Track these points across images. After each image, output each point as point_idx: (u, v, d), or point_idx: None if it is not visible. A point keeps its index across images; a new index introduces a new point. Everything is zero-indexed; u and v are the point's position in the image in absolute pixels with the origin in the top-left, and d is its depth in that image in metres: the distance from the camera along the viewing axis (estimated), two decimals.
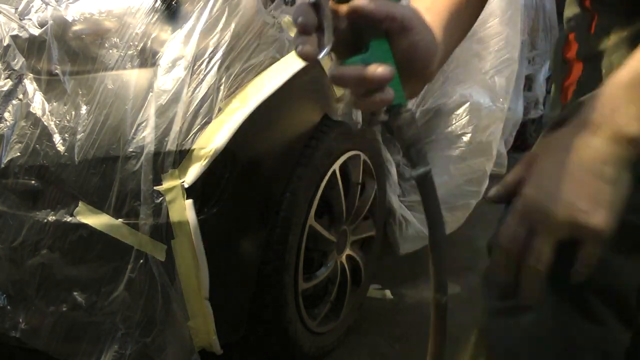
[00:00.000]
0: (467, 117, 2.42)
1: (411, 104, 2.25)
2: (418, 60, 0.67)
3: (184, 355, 1.47)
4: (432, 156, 2.46)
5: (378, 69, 0.61)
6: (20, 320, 1.48)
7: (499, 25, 2.55)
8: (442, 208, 1.03)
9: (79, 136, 1.42)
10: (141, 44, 1.46)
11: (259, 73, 1.53)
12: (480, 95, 2.46)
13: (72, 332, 1.46)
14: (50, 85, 1.49)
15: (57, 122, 1.45)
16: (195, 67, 1.44)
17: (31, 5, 1.56)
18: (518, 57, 2.69)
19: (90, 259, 1.42)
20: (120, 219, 1.39)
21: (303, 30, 0.60)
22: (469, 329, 0.99)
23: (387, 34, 0.64)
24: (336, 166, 1.86)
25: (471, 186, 2.46)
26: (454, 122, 2.42)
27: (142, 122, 1.40)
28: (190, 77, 1.43)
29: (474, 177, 2.47)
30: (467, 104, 2.43)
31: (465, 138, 2.42)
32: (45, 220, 1.42)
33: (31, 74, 1.51)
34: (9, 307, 1.49)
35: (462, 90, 2.37)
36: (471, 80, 2.45)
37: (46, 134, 1.44)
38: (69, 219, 1.41)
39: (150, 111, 1.41)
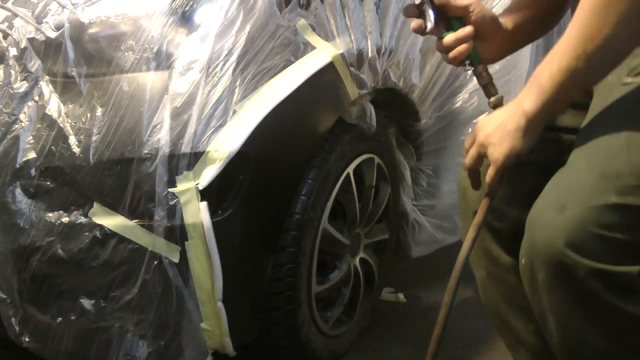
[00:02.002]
0: None
1: (427, 114, 2.24)
2: (487, 26, 1.18)
3: (198, 357, 1.48)
4: (446, 163, 2.44)
5: (460, 32, 1.16)
6: (28, 327, 1.49)
7: None
8: (454, 214, 1.35)
9: (94, 138, 1.42)
10: (156, 47, 1.47)
11: (273, 76, 1.53)
12: None
13: (82, 337, 1.47)
14: (66, 88, 1.50)
15: (73, 123, 1.45)
16: (210, 69, 1.45)
17: (48, 8, 1.57)
18: (530, 56, 2.67)
19: (103, 261, 1.42)
20: (134, 221, 1.40)
21: (409, 15, 1.18)
22: (484, 333, 1.00)
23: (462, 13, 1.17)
24: (350, 169, 1.86)
25: None
26: (470, 130, 2.41)
27: (157, 125, 1.41)
28: (205, 80, 1.44)
29: None
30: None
31: None
32: (59, 222, 1.43)
33: (47, 76, 1.52)
34: (13, 315, 1.50)
35: (480, 100, 2.36)
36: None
37: (62, 136, 1.45)
38: (83, 220, 1.42)
39: (165, 113, 1.41)
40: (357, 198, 1.92)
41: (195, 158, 1.40)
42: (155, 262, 1.40)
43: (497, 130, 1.03)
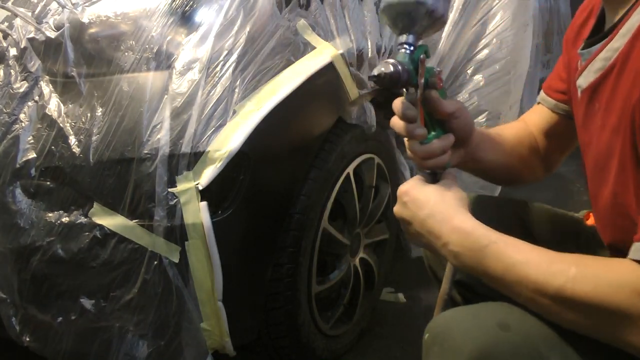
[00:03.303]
0: (485, 126, 2.41)
1: None
2: (463, 134, 1.11)
3: (198, 357, 1.48)
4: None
5: (446, 140, 1.04)
6: (28, 327, 1.49)
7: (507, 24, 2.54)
8: None
9: (94, 138, 1.42)
10: (156, 47, 1.47)
11: (273, 76, 1.54)
12: (498, 102, 2.45)
13: (82, 337, 1.47)
14: (66, 88, 1.50)
15: (73, 123, 1.46)
16: (210, 69, 1.45)
17: (48, 8, 1.57)
18: (529, 56, 2.67)
19: (103, 261, 1.42)
20: (134, 221, 1.40)
21: (410, 120, 1.00)
22: None
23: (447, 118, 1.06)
24: (350, 169, 1.86)
25: (484, 192, 2.45)
26: None
27: (157, 124, 1.41)
28: (205, 80, 1.44)
29: (487, 183, 2.45)
30: (486, 113, 2.42)
31: None
32: (59, 222, 1.43)
33: (47, 76, 1.52)
34: (13, 314, 1.49)
35: (480, 99, 2.36)
36: (491, 85, 2.44)
37: (61, 136, 1.45)
38: (83, 220, 1.42)
39: (165, 113, 1.41)
40: (357, 198, 1.92)
41: (195, 158, 1.40)
42: (155, 262, 1.40)
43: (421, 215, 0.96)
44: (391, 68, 0.94)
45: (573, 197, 3.60)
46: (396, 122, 1.02)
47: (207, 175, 1.40)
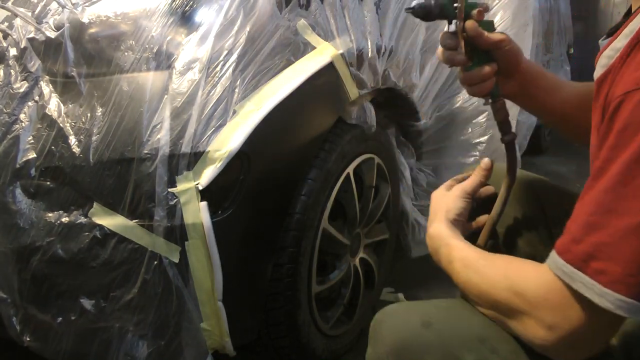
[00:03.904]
0: (485, 125, 2.41)
1: (427, 113, 2.25)
2: (512, 64, 1.17)
3: (198, 357, 1.48)
4: (446, 162, 2.45)
5: (486, 69, 1.12)
6: (28, 327, 1.49)
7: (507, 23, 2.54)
8: None
9: (94, 138, 1.42)
10: (156, 47, 1.47)
11: (273, 76, 1.54)
12: None
13: (82, 337, 1.47)
14: (66, 88, 1.50)
15: (73, 123, 1.45)
16: (210, 69, 1.45)
17: (48, 8, 1.57)
18: (529, 57, 2.67)
19: (103, 261, 1.42)
20: (134, 221, 1.40)
21: (449, 49, 1.11)
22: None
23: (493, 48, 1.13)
24: (350, 169, 1.86)
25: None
26: (470, 130, 2.41)
27: (157, 124, 1.41)
28: (205, 80, 1.44)
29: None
30: (486, 113, 2.42)
31: (481, 147, 2.42)
32: (59, 222, 1.43)
33: (47, 76, 1.52)
34: (13, 314, 1.49)
35: (480, 100, 2.37)
36: None
37: (61, 136, 1.45)
38: (83, 220, 1.42)
39: (165, 113, 1.41)
40: (357, 198, 1.92)
41: (195, 158, 1.40)
42: (155, 262, 1.40)
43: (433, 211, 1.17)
44: (423, 1, 1.07)
45: None
46: (439, 52, 1.13)
47: (207, 175, 1.40)
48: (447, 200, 1.15)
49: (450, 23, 1.10)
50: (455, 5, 1.06)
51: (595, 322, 0.79)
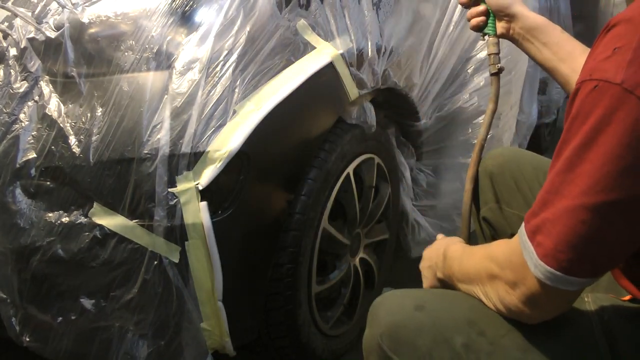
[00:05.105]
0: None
1: (427, 113, 2.24)
2: (500, 6, 1.46)
3: (198, 357, 1.48)
4: (446, 162, 2.45)
5: (478, 7, 1.50)
6: (28, 327, 1.49)
7: None
8: (454, 214, 1.45)
9: (94, 138, 1.42)
10: (156, 47, 1.47)
11: (273, 76, 1.54)
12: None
13: (82, 337, 1.47)
14: (66, 88, 1.50)
15: (73, 123, 1.45)
16: (210, 69, 1.45)
17: (48, 8, 1.57)
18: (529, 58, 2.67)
19: (103, 261, 1.42)
20: (134, 221, 1.40)
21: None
22: None
23: None
24: (350, 169, 1.86)
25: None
26: (470, 131, 2.41)
27: (157, 124, 1.41)
28: (205, 80, 1.44)
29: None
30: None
31: None
32: (59, 222, 1.43)
33: (47, 76, 1.52)
34: (13, 314, 1.49)
35: (480, 99, 2.36)
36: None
37: (61, 136, 1.45)
38: (83, 220, 1.42)
39: (165, 113, 1.41)
40: (357, 198, 1.92)
41: (195, 158, 1.40)
42: (155, 262, 1.40)
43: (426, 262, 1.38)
44: None
45: None
46: None
47: (207, 175, 1.40)
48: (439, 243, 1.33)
49: None
50: None
51: (544, 285, 0.87)
